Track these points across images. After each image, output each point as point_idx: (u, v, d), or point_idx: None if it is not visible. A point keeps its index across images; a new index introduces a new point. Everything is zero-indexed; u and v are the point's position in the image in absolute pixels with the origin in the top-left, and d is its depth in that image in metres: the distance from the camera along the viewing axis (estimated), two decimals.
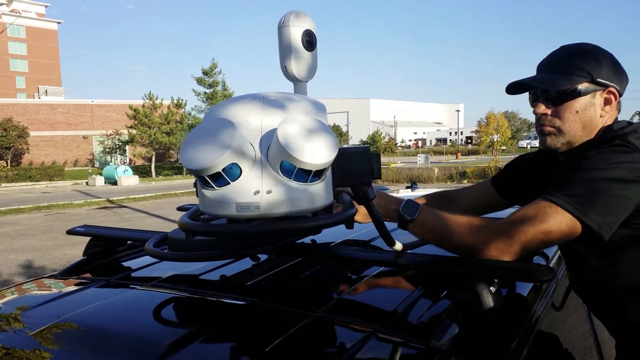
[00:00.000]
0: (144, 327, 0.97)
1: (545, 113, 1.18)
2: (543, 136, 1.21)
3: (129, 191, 19.85)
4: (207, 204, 0.87)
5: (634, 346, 1.27)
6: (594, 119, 1.16)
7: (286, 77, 1.12)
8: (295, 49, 1.07)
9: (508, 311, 1.03)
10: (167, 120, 30.39)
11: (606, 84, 1.14)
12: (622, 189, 1.04)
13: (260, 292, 1.09)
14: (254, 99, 0.96)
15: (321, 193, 0.90)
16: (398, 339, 0.86)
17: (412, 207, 1.10)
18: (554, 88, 1.14)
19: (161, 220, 11.09)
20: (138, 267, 1.37)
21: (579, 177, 1.05)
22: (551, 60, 1.20)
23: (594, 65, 1.14)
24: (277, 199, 0.84)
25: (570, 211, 1.02)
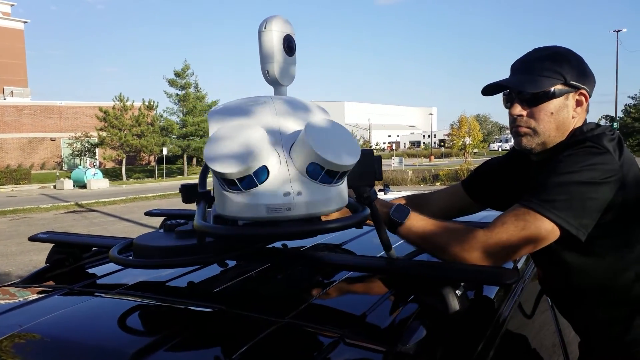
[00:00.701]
0: (108, 336, 0.95)
1: (520, 114, 1.21)
2: (518, 137, 1.23)
3: (98, 195, 19.43)
4: (231, 207, 0.86)
5: (599, 345, 1.31)
6: (567, 119, 1.20)
7: (267, 81, 1.13)
8: (277, 53, 1.08)
9: (475, 313, 1.04)
10: (138, 122, 29.88)
11: (578, 86, 1.19)
12: (595, 192, 1.08)
13: (228, 299, 1.08)
14: (264, 103, 0.97)
15: (343, 194, 0.93)
16: (366, 344, 0.86)
17: (402, 211, 1.13)
18: (531, 90, 1.18)
19: (132, 224, 10.88)
20: (103, 274, 1.34)
21: (553, 182, 1.08)
22: (526, 62, 1.23)
23: (567, 68, 1.18)
24: (307, 200, 0.85)
25: (549, 217, 1.05)
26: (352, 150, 0.88)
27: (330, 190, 0.89)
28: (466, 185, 1.51)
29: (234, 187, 0.84)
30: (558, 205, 1.05)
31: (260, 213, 0.84)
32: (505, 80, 1.22)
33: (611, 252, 1.18)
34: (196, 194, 1.10)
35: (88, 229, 10.86)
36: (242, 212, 0.85)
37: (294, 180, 0.86)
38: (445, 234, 1.10)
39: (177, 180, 28.41)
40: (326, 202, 0.88)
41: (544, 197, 1.06)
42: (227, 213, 0.88)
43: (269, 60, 1.09)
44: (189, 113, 33.70)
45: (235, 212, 0.86)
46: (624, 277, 1.20)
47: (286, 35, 1.09)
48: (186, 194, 1.11)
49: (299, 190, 0.85)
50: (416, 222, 1.13)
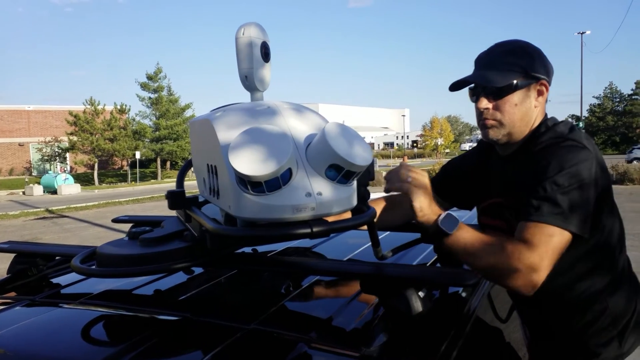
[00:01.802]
0: (70, 348, 0.93)
1: (487, 107, 1.25)
2: (485, 129, 1.28)
3: (70, 200, 18.96)
4: (254, 209, 0.87)
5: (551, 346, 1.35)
6: (530, 109, 1.25)
7: (245, 86, 1.14)
8: (255, 60, 1.10)
9: (439, 314, 1.06)
10: (110, 126, 29.32)
11: (538, 77, 1.24)
12: (589, 191, 1.13)
13: (194, 306, 1.07)
14: (268, 108, 0.99)
15: (355, 193, 0.97)
16: (330, 348, 0.87)
17: (451, 221, 1.10)
18: (495, 84, 1.22)
19: (105, 230, 10.64)
20: (67, 284, 1.31)
21: (554, 189, 1.11)
22: (489, 56, 1.28)
23: (528, 61, 1.23)
24: (328, 199, 0.89)
25: (564, 227, 1.09)
26: (367, 151, 0.93)
27: (347, 189, 0.93)
28: (433, 184, 1.54)
29: (257, 189, 0.86)
30: (567, 214, 1.09)
31: (286, 213, 0.86)
32: (471, 75, 1.27)
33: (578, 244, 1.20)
34: (185, 200, 1.09)
35: (59, 235, 10.58)
36: (267, 214, 0.87)
37: (314, 181, 0.89)
38: (491, 253, 1.07)
39: (151, 185, 27.97)
40: (344, 201, 0.92)
41: (553, 209, 1.09)
42: (248, 215, 0.88)
43: (248, 66, 1.11)
44: (162, 116, 33.23)
45: (259, 214, 0.87)
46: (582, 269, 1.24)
47: (263, 42, 1.12)
48: (174, 200, 1.10)
49: (319, 190, 0.88)
50: (464, 234, 1.09)
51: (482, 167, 1.41)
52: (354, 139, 0.92)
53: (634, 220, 8.86)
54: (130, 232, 1.18)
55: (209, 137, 0.97)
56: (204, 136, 1.03)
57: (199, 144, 1.11)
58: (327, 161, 0.89)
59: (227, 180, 0.89)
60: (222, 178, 0.93)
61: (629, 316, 1.27)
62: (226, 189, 0.91)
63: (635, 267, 4.91)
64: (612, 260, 1.28)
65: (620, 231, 1.30)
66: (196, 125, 1.15)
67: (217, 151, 0.92)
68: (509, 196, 1.26)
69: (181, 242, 1.11)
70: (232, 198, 0.89)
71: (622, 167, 16.50)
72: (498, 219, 1.31)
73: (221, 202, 0.97)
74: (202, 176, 1.11)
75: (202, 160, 1.08)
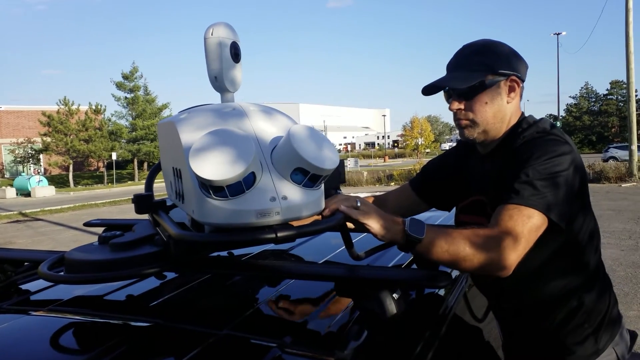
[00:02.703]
0: (37, 356, 0.90)
1: (459, 108, 1.28)
2: (461, 129, 1.30)
3: (44, 203, 18.55)
4: (217, 214, 0.85)
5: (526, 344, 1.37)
6: (502, 106, 1.27)
7: (215, 87, 1.12)
8: (225, 60, 1.08)
9: (414, 316, 1.06)
10: (85, 127, 28.77)
11: (507, 73, 1.25)
12: (569, 183, 1.15)
13: (165, 312, 1.05)
14: (234, 110, 0.97)
15: (322, 197, 0.96)
16: (304, 352, 0.86)
17: (419, 225, 1.06)
18: (463, 85, 1.24)
19: (81, 233, 10.43)
20: (36, 290, 1.27)
21: (535, 175, 1.13)
22: (457, 59, 1.30)
23: (494, 59, 1.25)
24: (294, 204, 0.87)
25: (542, 211, 1.10)
26: (333, 155, 0.92)
27: (313, 193, 0.91)
28: (414, 185, 1.56)
29: (219, 193, 0.84)
30: (547, 199, 1.11)
31: (250, 218, 0.84)
32: (440, 79, 1.29)
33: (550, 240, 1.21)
34: (151, 204, 1.07)
35: (33, 239, 10.34)
36: (230, 219, 0.85)
37: (278, 185, 0.87)
38: (468, 244, 1.06)
39: (128, 186, 27.53)
40: (310, 205, 0.90)
41: (534, 193, 1.11)
42: (212, 220, 0.86)
43: (217, 66, 1.09)
44: (138, 116, 32.78)
45: (222, 219, 0.85)
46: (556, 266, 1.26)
47: (232, 42, 1.09)
48: (140, 204, 1.07)
49: (284, 194, 0.87)
50: (435, 235, 1.06)
51: (462, 167, 1.43)
52: (321, 141, 0.91)
53: (611, 218, 9.09)
54: (100, 237, 1.15)
55: (174, 139, 0.95)
56: (169, 138, 1.01)
57: (165, 146, 1.09)
58: (291, 164, 0.88)
59: (190, 184, 0.87)
60: (186, 182, 0.91)
61: (604, 313, 1.29)
62: (190, 193, 0.90)
63: (612, 264, 5.08)
64: (586, 257, 1.30)
65: (594, 229, 1.32)
66: (163, 128, 1.13)
67: (181, 154, 0.90)
68: (490, 192, 1.27)
69: (152, 246, 1.09)
70: (194, 203, 0.87)
71: (598, 166, 16.89)
72: (479, 215, 1.32)
73: (186, 207, 0.95)
74: (169, 179, 1.09)
75: (169, 163, 1.06)
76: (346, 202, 1.08)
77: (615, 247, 6.69)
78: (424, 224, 1.06)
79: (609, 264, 5.67)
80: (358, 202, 1.08)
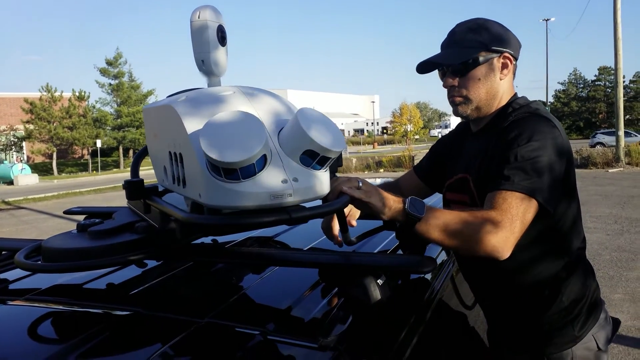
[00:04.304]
0: (15, 345, 0.88)
1: (453, 85, 1.29)
2: (455, 106, 1.32)
3: (27, 191, 18.28)
4: (229, 197, 0.84)
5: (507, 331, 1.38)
6: (495, 83, 1.28)
7: (202, 71, 1.11)
8: (212, 43, 1.07)
9: (398, 301, 1.06)
10: (69, 114, 28.32)
11: (500, 50, 1.27)
12: (557, 166, 1.16)
13: (145, 301, 1.03)
14: (233, 93, 0.96)
15: (329, 179, 0.96)
16: (287, 339, 0.85)
17: (419, 204, 1.08)
18: (456, 62, 1.26)
19: (65, 221, 10.31)
20: (14, 279, 1.24)
21: (524, 159, 1.13)
22: (450, 37, 1.31)
23: (486, 36, 1.26)
24: (304, 185, 0.87)
25: (533, 196, 1.11)
26: (340, 137, 0.91)
27: (322, 176, 0.91)
28: (417, 170, 1.59)
29: (231, 176, 0.83)
30: (537, 183, 1.12)
31: (264, 200, 0.84)
32: (434, 56, 1.30)
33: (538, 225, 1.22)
34: (143, 190, 1.05)
35: (17, 227, 10.21)
36: (244, 201, 0.84)
37: (288, 167, 0.87)
38: (464, 225, 1.07)
39: (114, 174, 27.26)
40: (319, 187, 0.90)
41: (525, 178, 1.12)
42: (223, 203, 0.85)
43: (204, 50, 1.08)
44: (123, 103, 32.33)
45: (234, 202, 0.84)
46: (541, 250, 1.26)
47: (218, 25, 1.08)
48: (132, 191, 1.05)
49: (295, 176, 0.86)
50: (434, 214, 1.08)
51: (457, 147, 1.45)
52: (327, 124, 0.91)
53: (598, 203, 9.18)
54: (79, 225, 1.13)
55: (172, 123, 0.92)
56: (165, 123, 0.98)
57: (158, 131, 1.06)
58: (301, 147, 0.87)
59: (197, 167, 0.85)
60: (189, 166, 0.90)
61: (584, 301, 1.30)
62: (195, 177, 0.88)
63: (597, 248, 5.16)
64: (567, 244, 1.30)
65: (577, 215, 1.32)
66: (154, 112, 1.10)
67: (183, 138, 0.88)
68: (475, 169, 1.28)
69: (132, 234, 1.06)
70: (203, 186, 0.86)
71: (585, 152, 17.15)
72: (463, 193, 1.33)
73: (188, 191, 0.93)
74: (162, 164, 1.06)
75: (162, 148, 1.03)
76: (348, 183, 1.09)
77: (602, 231, 6.80)
78: (424, 203, 1.08)
79: (594, 248, 5.78)
80: (360, 182, 1.10)
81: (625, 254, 5.60)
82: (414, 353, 0.97)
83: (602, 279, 4.72)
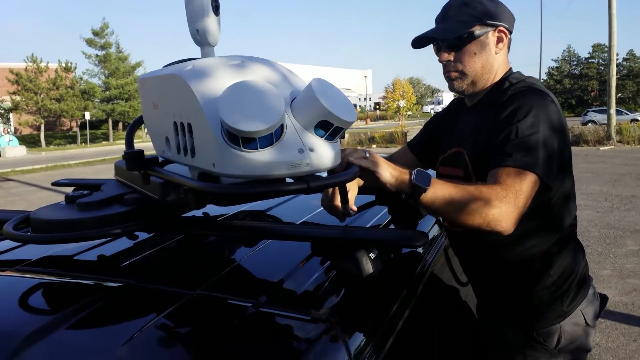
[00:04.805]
0: (6, 316, 0.88)
1: (448, 60, 1.29)
2: (450, 81, 1.32)
3: (14, 163, 18.09)
4: (249, 166, 0.84)
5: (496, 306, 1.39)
6: (490, 57, 1.28)
7: (196, 41, 1.09)
8: (206, 12, 1.05)
9: (390, 275, 1.06)
10: (56, 85, 27.78)
11: (495, 24, 1.27)
12: (556, 140, 1.17)
13: (137, 273, 1.03)
14: (240, 63, 0.95)
15: (340, 150, 0.97)
16: (279, 311, 0.85)
17: (425, 176, 1.08)
18: (451, 36, 1.26)
19: (55, 194, 10.24)
20: (3, 250, 1.23)
21: (524, 134, 1.14)
22: (445, 11, 1.30)
23: (481, 10, 1.25)
24: (320, 156, 0.87)
25: (534, 171, 1.12)
26: (352, 108, 0.92)
27: (335, 146, 0.92)
28: (411, 146, 1.59)
29: (249, 145, 0.82)
30: (538, 160, 1.12)
31: (282, 170, 0.84)
32: (429, 31, 1.29)
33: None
34: (144, 160, 1.03)
35: (6, 199, 10.14)
36: (262, 170, 0.84)
37: (303, 137, 0.87)
38: (469, 199, 1.07)
39: (103, 147, 26.99)
40: (332, 157, 0.91)
41: (525, 154, 1.13)
42: (240, 172, 0.85)
43: (199, 19, 1.05)
44: (111, 75, 31.77)
45: (253, 171, 0.84)
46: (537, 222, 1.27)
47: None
48: (132, 162, 1.03)
49: (310, 146, 0.87)
50: (439, 186, 1.08)
51: (451, 122, 1.45)
52: (339, 94, 0.91)
53: (589, 180, 9.32)
54: (67, 196, 1.11)
55: (180, 93, 0.90)
56: (170, 92, 0.96)
57: (159, 101, 1.04)
58: (316, 117, 0.87)
59: (211, 137, 0.84)
60: (200, 135, 0.88)
61: (573, 276, 1.31)
62: (207, 147, 0.87)
63: (587, 225, 5.20)
64: (559, 219, 1.31)
65: (571, 191, 1.33)
66: (153, 82, 1.07)
67: (194, 108, 0.86)
68: (470, 143, 1.28)
69: (121, 206, 1.05)
70: (217, 155, 0.85)
71: (577, 130, 17.27)
72: (456, 167, 1.33)
73: (198, 161, 0.92)
74: (164, 135, 1.04)
75: (164, 119, 1.01)
76: (356, 154, 1.09)
77: (592, 208, 6.88)
78: (430, 175, 1.08)
79: (584, 225, 5.84)
80: (367, 153, 1.10)
81: (614, 231, 5.68)
82: (406, 326, 0.98)
83: (590, 255, 4.81)
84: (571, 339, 1.29)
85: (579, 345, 1.31)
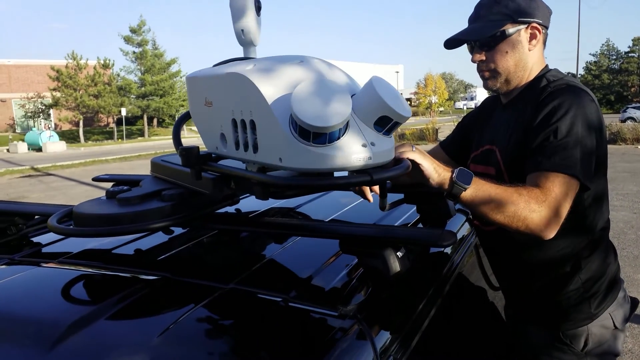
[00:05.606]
0: (48, 306, 0.93)
1: (481, 60, 1.29)
2: (485, 80, 1.32)
3: (55, 158, 18.75)
4: (317, 160, 0.89)
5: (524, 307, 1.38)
6: (524, 54, 1.27)
7: (241, 42, 1.12)
8: (251, 13, 1.09)
9: (418, 274, 1.07)
10: (94, 81, 28.61)
11: (527, 21, 1.25)
12: (594, 140, 1.16)
13: (172, 266, 1.07)
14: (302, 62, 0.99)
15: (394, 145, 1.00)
16: (308, 307, 0.87)
17: (467, 174, 1.09)
18: (482, 36, 1.26)
19: (93, 188, 10.59)
20: (46, 243, 1.30)
21: (562, 135, 1.13)
22: (477, 11, 1.30)
23: (513, 7, 1.24)
24: (380, 150, 0.91)
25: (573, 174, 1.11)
26: (406, 104, 0.95)
27: (390, 141, 0.96)
28: (444, 145, 1.59)
29: (319, 140, 0.86)
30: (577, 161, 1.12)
31: (347, 163, 0.88)
32: (460, 32, 1.30)
33: None
34: (200, 156, 1.08)
35: (46, 193, 10.52)
36: (329, 164, 0.88)
37: (365, 132, 0.91)
38: (509, 201, 1.07)
39: (138, 142, 27.67)
40: (389, 152, 0.95)
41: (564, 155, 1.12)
42: (310, 166, 0.89)
43: (244, 19, 1.08)
44: (147, 71, 32.48)
45: (322, 164, 0.88)
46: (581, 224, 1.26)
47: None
48: (189, 158, 1.08)
49: (372, 141, 0.90)
50: (480, 186, 1.08)
51: (485, 120, 1.45)
52: (394, 92, 0.94)
53: (626, 180, 8.94)
54: (108, 192, 1.16)
55: (244, 91, 0.94)
56: (231, 91, 0.99)
57: (215, 99, 1.07)
58: (377, 113, 0.91)
59: (279, 132, 0.88)
60: (267, 132, 0.92)
61: (602, 279, 1.29)
62: (274, 142, 0.91)
63: (623, 226, 5.04)
64: (589, 219, 1.28)
65: (603, 191, 1.30)
66: (207, 81, 1.09)
67: (260, 105, 0.90)
68: (504, 141, 1.28)
69: (159, 202, 1.09)
70: (285, 151, 0.89)
71: (615, 127, 16.55)
72: (487, 164, 1.33)
73: (261, 156, 0.96)
74: (217, 132, 1.08)
75: (220, 116, 1.05)
76: (404, 147, 1.12)
77: (628, 209, 6.66)
78: (472, 174, 1.09)
79: (620, 227, 5.67)
80: (413, 147, 1.12)
81: None
82: (431, 325, 0.99)
83: (625, 258, 4.65)
84: (599, 342, 1.27)
85: (607, 348, 1.29)
